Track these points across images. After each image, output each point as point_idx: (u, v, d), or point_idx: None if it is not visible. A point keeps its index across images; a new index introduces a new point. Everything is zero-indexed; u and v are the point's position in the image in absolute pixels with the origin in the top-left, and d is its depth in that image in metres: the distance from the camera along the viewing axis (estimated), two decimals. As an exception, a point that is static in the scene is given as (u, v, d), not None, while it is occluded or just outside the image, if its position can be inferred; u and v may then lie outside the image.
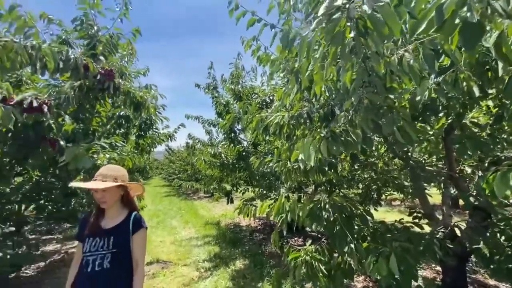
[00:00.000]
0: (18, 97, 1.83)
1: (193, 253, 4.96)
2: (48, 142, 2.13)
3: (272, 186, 4.87)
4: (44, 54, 1.55)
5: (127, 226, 1.59)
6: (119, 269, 1.53)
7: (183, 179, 14.73)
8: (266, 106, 4.09)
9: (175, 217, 8.55)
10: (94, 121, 3.29)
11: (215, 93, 5.59)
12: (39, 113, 1.90)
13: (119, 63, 2.92)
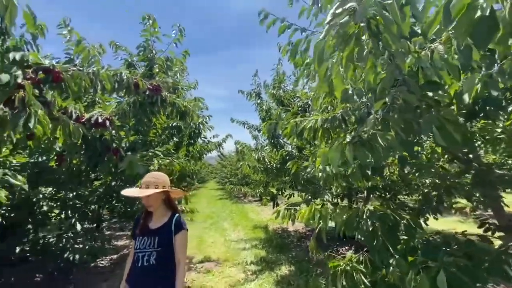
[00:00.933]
0: (87, 115, 2.21)
1: (241, 255, 5.11)
2: (112, 152, 2.51)
3: (317, 191, 4.72)
4: (102, 78, 1.86)
5: (169, 227, 1.76)
6: (163, 265, 1.70)
7: (234, 183, 15.33)
8: (309, 108, 4.02)
9: (227, 220, 8.94)
10: (151, 133, 3.73)
11: (257, 99, 5.72)
12: (103, 127, 2.25)
13: (172, 79, 3.30)
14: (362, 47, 0.99)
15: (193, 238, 6.34)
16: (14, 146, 3.01)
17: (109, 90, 1.91)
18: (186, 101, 3.18)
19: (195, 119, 3.17)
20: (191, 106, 2.94)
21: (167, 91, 2.68)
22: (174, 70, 3.89)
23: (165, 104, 2.57)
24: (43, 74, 1.59)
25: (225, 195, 17.07)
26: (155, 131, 3.98)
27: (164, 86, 2.53)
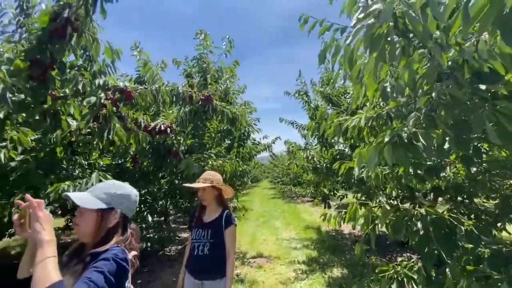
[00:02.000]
0: (153, 124, 2.60)
1: (292, 254, 5.16)
2: (173, 155, 2.88)
3: (370, 192, 4.45)
4: (162, 93, 2.20)
5: (220, 221, 1.96)
6: (216, 255, 1.91)
7: (285, 182, 15.37)
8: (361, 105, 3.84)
9: (279, 219, 9.07)
10: (205, 136, 4.11)
11: (305, 98, 5.69)
12: (165, 134, 2.62)
13: (223, 87, 3.62)
14: (393, 46, 0.98)
15: (247, 235, 6.65)
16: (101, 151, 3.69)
17: (168, 103, 2.24)
18: (235, 108, 3.42)
19: (244, 124, 3.38)
20: (240, 112, 3.15)
21: (218, 99, 2.95)
22: (225, 77, 4.20)
23: (216, 112, 2.83)
24: (119, 94, 1.98)
25: (278, 194, 17.24)
26: (209, 134, 4.36)
27: (215, 95, 2.79)
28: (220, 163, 3.31)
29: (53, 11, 1.59)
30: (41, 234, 0.80)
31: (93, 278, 0.82)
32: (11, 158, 2.26)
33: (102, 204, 1.01)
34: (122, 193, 1.07)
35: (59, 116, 1.76)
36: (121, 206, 1.06)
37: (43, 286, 0.71)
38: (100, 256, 0.91)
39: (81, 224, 0.99)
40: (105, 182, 1.10)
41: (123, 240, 1.02)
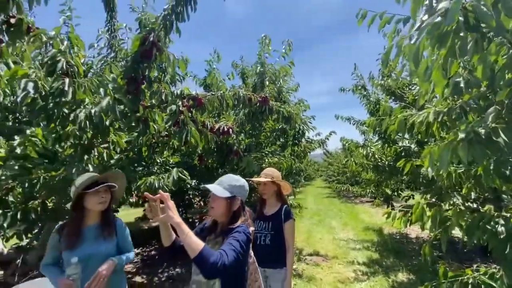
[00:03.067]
0: (217, 126, 2.89)
1: (351, 254, 5.01)
2: (234, 153, 3.14)
3: (443, 193, 4.00)
4: (226, 98, 2.44)
5: (280, 215, 2.10)
6: (276, 245, 2.06)
7: (342, 181, 14.72)
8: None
9: (335, 218, 8.81)
10: (261, 136, 4.31)
11: (363, 92, 5.41)
12: (228, 134, 2.88)
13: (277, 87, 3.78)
14: (463, 40, 0.95)
15: (302, 233, 6.68)
16: (173, 151, 4.23)
17: (231, 106, 2.48)
18: (290, 106, 3.52)
19: (299, 122, 3.45)
20: (294, 111, 3.24)
21: (273, 99, 3.09)
22: (281, 77, 4.33)
23: (272, 112, 2.98)
24: (192, 101, 2.29)
25: (333, 193, 16.64)
26: (265, 134, 4.55)
27: (271, 96, 2.94)
28: (276, 160, 3.45)
29: (142, 37, 1.95)
30: (175, 218, 1.12)
31: (233, 244, 1.18)
32: (111, 157, 2.82)
33: (228, 193, 1.34)
34: (240, 184, 1.40)
35: (148, 122, 2.15)
36: (240, 194, 1.39)
37: (196, 250, 1.05)
38: (233, 231, 1.28)
39: (215, 207, 1.35)
40: (227, 176, 1.43)
41: (245, 220, 1.38)
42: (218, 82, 2.52)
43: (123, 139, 2.66)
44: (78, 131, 2.09)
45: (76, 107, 1.82)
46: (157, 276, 4.04)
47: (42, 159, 2.78)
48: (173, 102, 2.10)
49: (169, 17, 2.02)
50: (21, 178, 2.29)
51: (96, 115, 1.77)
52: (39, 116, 1.79)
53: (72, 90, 1.74)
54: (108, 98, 1.78)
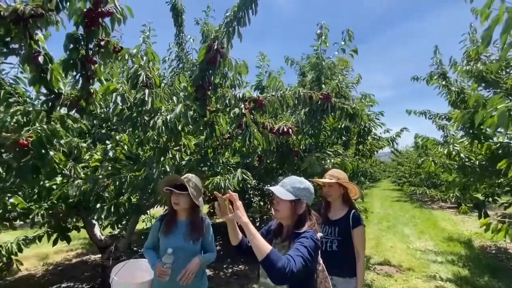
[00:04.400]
0: (276, 126, 2.88)
1: (431, 268, 4.37)
2: (294, 154, 3.08)
3: None
4: (287, 98, 2.41)
5: (347, 221, 1.94)
6: (344, 252, 1.91)
7: (415, 183, 13.03)
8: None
9: (407, 225, 7.86)
10: (321, 135, 4.13)
11: (442, 81, 4.66)
12: (288, 134, 2.84)
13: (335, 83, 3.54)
14: None
15: (369, 239, 6.15)
16: (234, 152, 4.41)
17: (292, 106, 2.43)
18: (355, 102, 3.26)
19: (365, 119, 3.18)
20: (359, 107, 2.99)
21: (334, 95, 2.92)
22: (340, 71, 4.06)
23: (334, 109, 2.81)
24: (253, 103, 2.34)
25: (403, 197, 14.88)
26: (325, 133, 4.34)
27: (331, 93, 2.78)
28: (339, 161, 3.25)
29: (208, 45, 2.08)
30: (243, 218, 1.15)
31: (300, 250, 1.13)
32: (182, 159, 3.10)
33: (292, 196, 1.29)
34: (304, 187, 1.33)
35: (214, 125, 2.28)
36: (305, 197, 1.32)
37: (264, 253, 1.04)
38: (300, 235, 1.23)
39: (280, 210, 1.32)
40: (290, 178, 1.38)
41: (313, 225, 1.31)
42: (278, 82, 2.51)
43: (192, 142, 2.89)
44: (156, 136, 2.35)
45: (154, 114, 2.05)
46: (222, 271, 4.27)
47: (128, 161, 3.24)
48: (236, 106, 2.17)
49: (231, 23, 2.10)
50: (113, 177, 2.69)
51: (171, 121, 1.96)
52: (126, 124, 2.07)
53: (151, 99, 1.97)
54: (181, 105, 1.95)
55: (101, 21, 1.72)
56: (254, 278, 3.98)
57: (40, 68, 1.67)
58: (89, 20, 1.68)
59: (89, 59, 1.82)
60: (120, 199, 2.93)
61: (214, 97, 2.24)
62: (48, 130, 1.66)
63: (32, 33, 1.61)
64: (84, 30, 1.73)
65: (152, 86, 2.06)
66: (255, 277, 4.01)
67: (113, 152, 3.16)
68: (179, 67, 4.58)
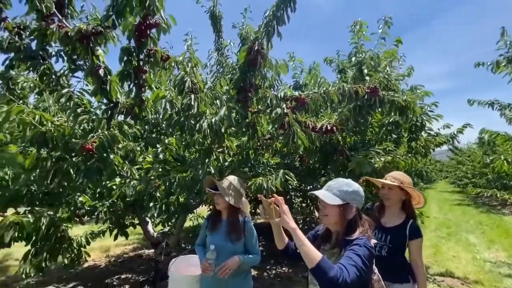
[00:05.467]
0: (319, 124, 2.77)
1: (504, 283, 3.78)
2: (339, 153, 2.93)
3: None
4: (331, 95, 2.30)
5: (403, 231, 1.74)
6: (395, 259, 1.74)
7: (481, 185, 11.44)
8: None
9: (473, 232, 6.93)
10: (368, 132, 3.86)
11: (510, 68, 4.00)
12: (332, 133, 2.71)
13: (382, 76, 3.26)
14: None
15: (426, 247, 5.57)
16: (274, 152, 4.38)
17: (336, 102, 2.31)
18: (406, 94, 2.98)
19: (418, 111, 2.88)
20: (411, 99, 2.72)
21: (383, 89, 2.70)
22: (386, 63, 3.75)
23: (383, 103, 2.60)
24: (294, 102, 2.28)
25: (466, 200, 13.17)
26: (372, 129, 4.05)
27: (378, 86, 2.58)
28: (390, 159, 2.98)
29: (248, 47, 2.09)
30: (290, 223, 1.11)
31: (353, 258, 1.05)
32: (225, 160, 3.18)
33: (339, 200, 1.20)
34: (353, 190, 1.24)
35: (256, 126, 2.28)
36: (355, 201, 1.23)
37: (314, 261, 0.99)
38: (353, 242, 1.14)
39: (328, 214, 1.24)
40: (336, 180, 1.30)
41: (365, 231, 1.20)
42: (319, 78, 2.41)
43: (234, 143, 2.94)
44: (202, 138, 2.45)
45: (200, 118, 2.13)
46: (266, 272, 4.26)
47: (176, 163, 3.45)
48: (278, 105, 2.14)
49: (270, 23, 2.08)
50: (163, 178, 2.88)
51: (216, 123, 2.02)
52: (175, 128, 2.19)
53: (196, 104, 2.05)
54: (225, 107, 2.00)
55: (149, 32, 1.85)
56: (297, 281, 3.89)
57: (101, 80, 1.87)
58: (139, 32, 1.82)
59: (140, 69, 1.97)
60: (170, 198, 3.12)
61: (255, 98, 2.25)
62: (109, 135, 1.84)
63: (93, 49, 1.80)
64: (135, 43, 1.88)
65: (197, 91, 2.15)
66: (299, 280, 3.92)
67: (163, 154, 3.40)
68: (219, 72, 4.72)
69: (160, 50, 2.04)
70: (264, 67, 2.15)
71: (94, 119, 2.04)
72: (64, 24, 1.82)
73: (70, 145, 1.85)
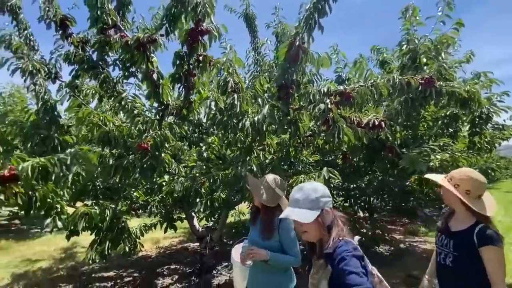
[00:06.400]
0: (365, 120, 2.61)
1: None
2: (388, 150, 2.73)
3: None
4: (380, 87, 2.15)
5: (470, 236, 1.49)
6: (461, 271, 1.52)
7: (562, 185, 9.71)
8: None
9: (553, 240, 5.91)
10: (420, 126, 3.54)
11: None
12: (380, 128, 2.54)
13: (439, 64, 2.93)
14: None
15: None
16: (314, 150, 4.27)
17: (386, 95, 2.15)
18: (468, 83, 2.65)
19: (484, 103, 2.54)
20: (473, 89, 2.40)
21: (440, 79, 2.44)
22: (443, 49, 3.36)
23: (441, 94, 2.34)
24: (339, 96, 2.19)
25: (541, 202, 11.30)
26: (425, 123, 3.70)
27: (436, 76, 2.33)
28: (448, 156, 2.69)
29: (289, 43, 2.06)
30: None
31: (351, 282, 0.95)
32: (265, 157, 3.19)
33: (314, 213, 1.11)
34: (322, 193, 1.15)
35: (298, 123, 2.25)
36: (327, 204, 1.14)
37: None
38: (333, 257, 1.04)
39: (308, 231, 1.15)
40: (299, 191, 1.17)
41: (340, 232, 1.10)
42: (366, 70, 2.26)
43: (275, 141, 2.94)
44: (243, 137, 2.49)
45: (242, 117, 2.17)
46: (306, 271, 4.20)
47: (218, 161, 3.57)
48: (321, 101, 2.08)
49: (311, 15, 2.02)
50: (207, 175, 3.00)
51: (259, 121, 2.04)
52: (219, 127, 2.27)
53: (239, 103, 2.09)
54: (268, 105, 2.01)
55: (200, 38, 1.95)
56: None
57: (154, 83, 2.01)
58: (191, 38, 1.92)
59: (190, 73, 2.08)
60: (214, 195, 3.25)
61: (297, 94, 2.21)
62: (161, 135, 1.97)
63: (149, 56, 1.95)
64: (187, 48, 2.00)
65: (239, 90, 2.19)
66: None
67: (207, 153, 3.55)
68: (257, 71, 4.76)
69: (208, 55, 2.13)
70: (306, 62, 2.10)
71: (148, 120, 2.22)
72: (125, 34, 2.01)
73: (129, 144, 2.03)
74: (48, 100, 2.59)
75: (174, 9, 2.09)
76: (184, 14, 1.97)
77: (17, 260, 4.91)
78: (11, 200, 1.58)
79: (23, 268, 4.56)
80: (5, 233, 6.86)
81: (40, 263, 4.83)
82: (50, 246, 5.76)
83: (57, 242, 5.76)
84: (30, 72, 2.47)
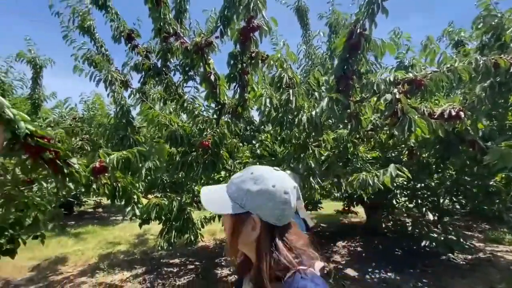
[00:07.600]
0: (439, 110, 2.30)
1: None
2: (468, 143, 2.36)
3: None
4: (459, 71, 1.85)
5: None
6: None
7: None
8: None
9: None
10: (509, 115, 2.97)
11: None
12: (458, 119, 2.20)
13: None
14: None
15: None
16: (373, 146, 3.95)
17: (466, 80, 1.85)
18: None
19: None
20: None
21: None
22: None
23: (544, 74, 1.91)
24: (408, 85, 1.96)
25: None
26: (515, 112, 3.08)
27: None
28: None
29: (349, 31, 1.93)
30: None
31: None
32: (320, 154, 3.08)
33: (230, 206, 0.71)
34: (260, 189, 0.69)
35: (359, 117, 2.10)
36: (261, 210, 0.69)
37: None
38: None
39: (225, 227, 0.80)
40: (245, 171, 0.76)
41: (297, 257, 0.66)
42: (439, 54, 1.97)
43: (331, 136, 2.81)
44: (298, 133, 2.45)
45: (298, 113, 2.13)
46: (367, 274, 3.93)
47: (270, 158, 3.59)
48: (387, 91, 1.89)
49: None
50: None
51: (317, 116, 1.97)
52: (274, 123, 2.27)
53: (294, 98, 2.05)
54: (327, 99, 1.92)
55: (252, 35, 1.97)
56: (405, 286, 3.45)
57: (212, 84, 2.12)
58: (243, 36, 1.95)
59: (244, 71, 2.13)
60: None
61: (358, 85, 2.06)
62: (220, 133, 2.06)
63: (206, 58, 2.05)
64: (240, 46, 2.04)
65: (294, 85, 2.14)
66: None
67: (260, 150, 3.60)
68: (308, 65, 4.62)
69: (260, 51, 2.14)
70: (368, 50, 1.94)
71: (207, 120, 2.35)
72: (184, 40, 2.16)
73: (192, 142, 2.18)
74: (124, 105, 2.96)
75: (227, 11, 2.17)
76: (236, 14, 2.02)
77: (102, 243, 5.78)
78: (101, 189, 1.85)
79: (106, 250, 5.34)
80: (92, 220, 8.14)
81: (118, 246, 5.59)
82: (126, 232, 6.62)
83: (132, 229, 6.60)
84: (110, 81, 2.85)
